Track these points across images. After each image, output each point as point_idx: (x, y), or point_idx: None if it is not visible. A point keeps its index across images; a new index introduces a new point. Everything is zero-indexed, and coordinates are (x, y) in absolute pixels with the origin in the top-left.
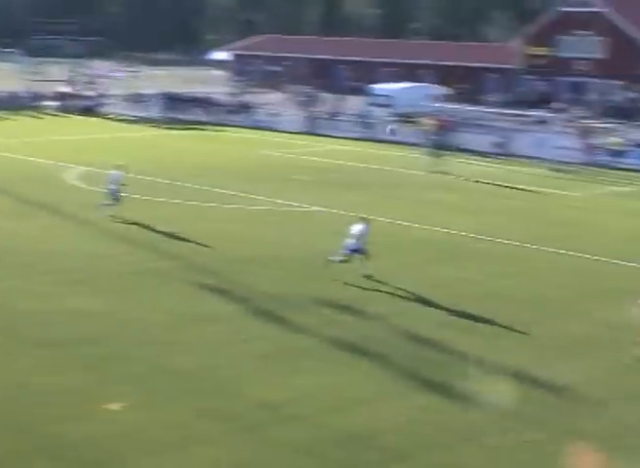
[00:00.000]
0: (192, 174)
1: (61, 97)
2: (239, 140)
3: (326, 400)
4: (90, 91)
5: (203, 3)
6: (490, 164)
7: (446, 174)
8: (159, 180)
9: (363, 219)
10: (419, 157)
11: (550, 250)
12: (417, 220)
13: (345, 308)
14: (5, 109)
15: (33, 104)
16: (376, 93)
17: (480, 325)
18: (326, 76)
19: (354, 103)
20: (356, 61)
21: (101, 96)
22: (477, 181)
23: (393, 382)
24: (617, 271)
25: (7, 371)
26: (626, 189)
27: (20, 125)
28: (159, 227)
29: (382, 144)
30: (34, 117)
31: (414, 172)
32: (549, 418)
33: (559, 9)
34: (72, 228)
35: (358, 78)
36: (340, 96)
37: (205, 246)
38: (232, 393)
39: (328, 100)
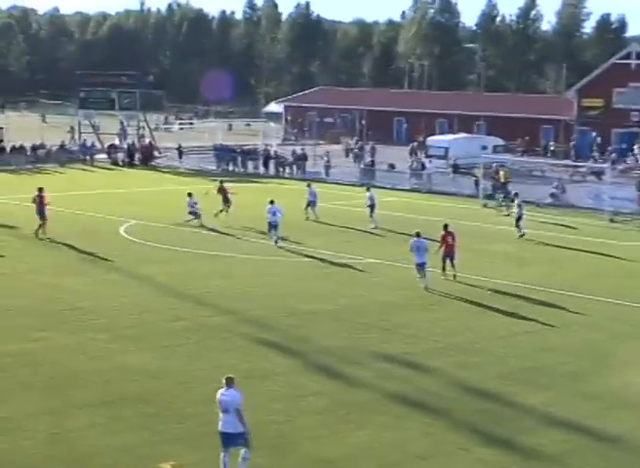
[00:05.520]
0: (247, 227)
1: (113, 149)
2: (293, 192)
3: (385, 456)
4: (140, 143)
5: (257, 55)
6: (545, 214)
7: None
8: (212, 233)
9: None
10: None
11: (606, 300)
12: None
13: (402, 361)
14: (56, 162)
15: (84, 157)
16: (431, 144)
17: (540, 377)
18: (381, 128)
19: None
20: (412, 113)
21: (152, 148)
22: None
23: (453, 436)
24: None
25: (61, 431)
26: None
27: (72, 178)
28: (213, 281)
29: (438, 195)
30: (85, 170)
31: (477, 223)
32: None
33: (615, 61)
34: (127, 283)
35: (414, 130)
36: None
37: (255, 299)
38: (288, 449)
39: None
